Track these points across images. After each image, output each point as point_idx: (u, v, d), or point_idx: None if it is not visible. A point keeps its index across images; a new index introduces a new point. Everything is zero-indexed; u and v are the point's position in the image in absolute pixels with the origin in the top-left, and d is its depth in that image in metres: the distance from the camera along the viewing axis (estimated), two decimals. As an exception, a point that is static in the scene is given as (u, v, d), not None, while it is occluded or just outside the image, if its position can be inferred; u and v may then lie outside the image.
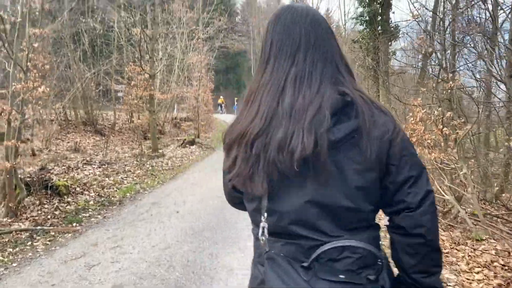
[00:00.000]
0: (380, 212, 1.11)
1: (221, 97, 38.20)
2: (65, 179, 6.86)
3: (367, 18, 12.69)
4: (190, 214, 5.86)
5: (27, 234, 4.94)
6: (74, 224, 5.49)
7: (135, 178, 9.49)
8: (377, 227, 1.09)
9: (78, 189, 6.98)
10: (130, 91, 13.78)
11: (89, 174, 9.79)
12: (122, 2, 10.93)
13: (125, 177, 9.64)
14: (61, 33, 17.46)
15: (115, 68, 18.78)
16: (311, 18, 1.08)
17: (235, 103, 37.49)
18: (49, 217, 5.62)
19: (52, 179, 6.56)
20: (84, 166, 10.82)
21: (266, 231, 1.06)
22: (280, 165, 0.98)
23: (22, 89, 5.30)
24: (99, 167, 11.04)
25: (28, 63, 5.69)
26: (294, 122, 0.97)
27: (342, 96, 1.00)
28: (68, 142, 17.13)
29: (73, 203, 6.35)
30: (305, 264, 0.99)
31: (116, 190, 7.72)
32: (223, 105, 36.35)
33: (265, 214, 1.06)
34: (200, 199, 6.74)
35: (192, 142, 15.45)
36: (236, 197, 1.27)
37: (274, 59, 1.07)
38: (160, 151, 15.21)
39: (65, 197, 6.42)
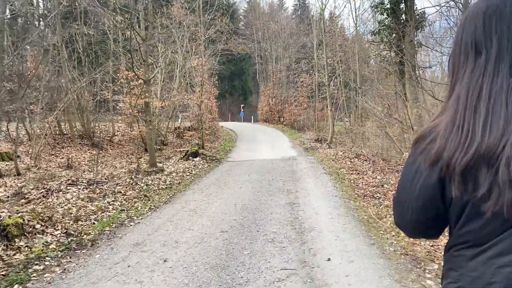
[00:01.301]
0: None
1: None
2: (19, 214, 5.12)
3: (388, 5, 10.88)
4: (182, 266, 4.07)
5: None
6: (15, 288, 3.73)
7: (124, 201, 7.75)
8: None
9: (38, 226, 5.23)
10: (125, 99, 12.13)
11: (71, 199, 8.08)
12: (114, 3, 9.47)
13: (113, 200, 7.90)
14: (52, 40, 15.94)
15: (112, 77, 17.20)
16: None
17: (242, 110, 35.86)
18: (-19, 276, 3.87)
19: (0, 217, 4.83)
20: (68, 188, 9.11)
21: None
22: None
23: None
24: (86, 188, 9.33)
25: None
26: None
27: None
28: (62, 158, 15.54)
29: (25, 249, 4.60)
30: None
31: (93, 223, 5.97)
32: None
33: None
34: (198, 239, 4.96)
35: (195, 154, 13.71)
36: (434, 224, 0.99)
37: (495, 57, 0.87)
38: (160, 165, 13.51)
39: (16, 240, 4.68)
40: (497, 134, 0.80)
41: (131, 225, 5.88)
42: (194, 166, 12.54)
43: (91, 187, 9.38)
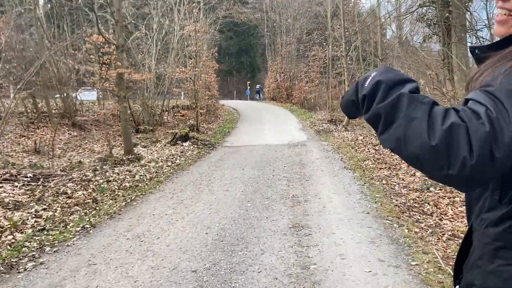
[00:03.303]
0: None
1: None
2: None
3: None
4: None
5: None
6: None
7: (58, 210, 5.28)
8: None
9: None
10: (94, 70, 9.56)
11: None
12: None
13: (45, 208, 5.44)
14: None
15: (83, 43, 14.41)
16: None
17: (248, 87, 32.97)
18: None
19: None
20: (0, 185, 6.71)
21: None
22: None
23: None
24: (27, 185, 6.91)
25: None
26: None
27: None
28: (35, 140, 13.18)
29: None
30: None
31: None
32: (260, 92, 30.84)
33: None
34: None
35: (185, 138, 11.15)
36: None
37: None
38: (144, 149, 11.02)
39: None
40: None
41: (26, 268, 3.38)
42: (181, 153, 10.01)
43: (33, 184, 6.94)
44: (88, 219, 4.83)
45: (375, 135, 11.09)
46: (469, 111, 0.67)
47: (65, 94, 14.33)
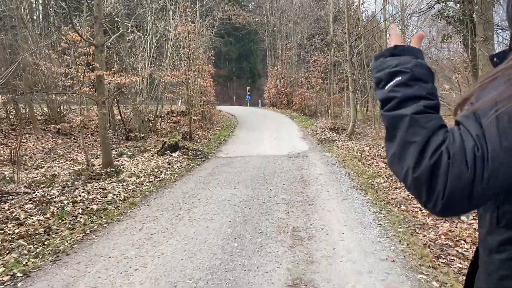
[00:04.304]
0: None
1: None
2: None
3: None
4: None
5: None
6: None
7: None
8: None
9: None
10: (71, 72, 8.41)
11: None
12: None
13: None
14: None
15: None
16: None
17: (248, 93, 31.79)
18: None
19: None
20: None
21: None
22: None
23: None
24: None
25: None
26: None
27: None
28: (15, 149, 12.02)
29: None
30: None
31: None
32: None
33: None
34: None
35: (174, 147, 9.97)
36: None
37: None
38: (129, 159, 9.83)
39: None
40: None
41: None
42: (169, 165, 8.82)
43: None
44: (25, 262, 3.62)
45: (382, 146, 9.90)
46: (458, 143, 0.66)
47: (52, 98, 13.16)
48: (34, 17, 16.57)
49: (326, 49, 20.36)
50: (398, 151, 0.72)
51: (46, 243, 4.21)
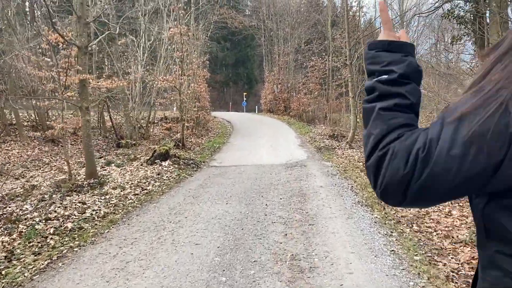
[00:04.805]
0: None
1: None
2: None
3: None
4: None
5: None
6: None
7: None
8: None
9: None
10: (53, 74, 7.80)
11: None
12: None
13: None
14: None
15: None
16: None
17: (244, 99, 31.19)
18: None
19: None
20: None
21: None
22: None
23: None
24: None
25: None
26: None
27: None
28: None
29: None
30: None
31: None
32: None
33: None
34: None
35: (165, 156, 9.36)
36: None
37: None
38: (116, 169, 9.20)
39: None
40: None
41: None
42: (158, 175, 8.20)
43: None
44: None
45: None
46: (407, 142, 0.69)
47: (38, 104, 12.52)
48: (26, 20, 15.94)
49: (324, 54, 19.88)
50: (364, 139, 0.77)
51: (3, 272, 3.58)
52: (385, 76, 0.78)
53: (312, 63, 19.67)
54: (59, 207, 5.80)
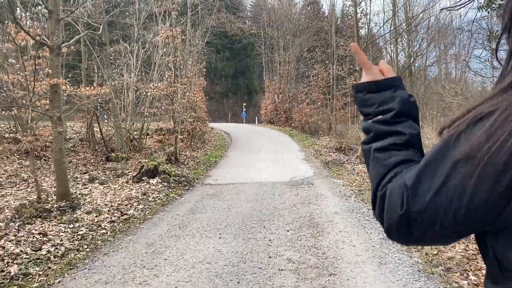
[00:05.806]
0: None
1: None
2: None
3: None
4: None
5: None
6: None
7: None
8: None
9: None
10: (19, 79, 6.70)
11: None
12: None
13: None
14: None
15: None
16: None
17: (244, 110, 30.12)
18: None
19: None
20: None
21: None
22: None
23: None
24: None
25: None
26: None
27: None
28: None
29: None
30: None
31: None
32: None
33: None
34: None
35: (153, 172, 8.19)
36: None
37: None
38: (101, 186, 8.02)
39: None
40: None
41: None
42: (144, 195, 7.03)
43: None
44: None
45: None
46: (398, 181, 0.65)
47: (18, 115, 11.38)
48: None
49: (327, 62, 18.85)
50: (369, 178, 0.74)
51: None
52: (380, 117, 0.75)
53: (315, 72, 18.62)
54: (11, 240, 4.61)
